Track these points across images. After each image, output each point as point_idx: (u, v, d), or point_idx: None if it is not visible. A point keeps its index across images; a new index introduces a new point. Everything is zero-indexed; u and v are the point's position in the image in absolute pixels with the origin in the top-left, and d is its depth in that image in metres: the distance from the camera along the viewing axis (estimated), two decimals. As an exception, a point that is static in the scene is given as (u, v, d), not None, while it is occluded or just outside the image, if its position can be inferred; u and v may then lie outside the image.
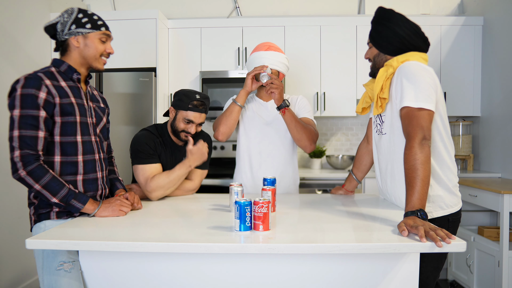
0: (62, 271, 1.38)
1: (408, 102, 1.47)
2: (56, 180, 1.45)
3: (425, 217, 1.31)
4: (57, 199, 1.45)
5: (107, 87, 3.24)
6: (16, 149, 1.41)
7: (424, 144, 1.42)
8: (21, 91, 1.42)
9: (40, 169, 1.42)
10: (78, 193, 1.50)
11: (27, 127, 1.41)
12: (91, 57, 1.58)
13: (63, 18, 1.56)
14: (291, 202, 1.91)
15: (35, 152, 1.43)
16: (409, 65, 1.54)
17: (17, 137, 1.41)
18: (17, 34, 2.93)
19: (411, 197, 1.37)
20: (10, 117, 1.43)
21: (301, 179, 3.16)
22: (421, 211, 1.32)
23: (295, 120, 2.06)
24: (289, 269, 1.33)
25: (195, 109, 1.95)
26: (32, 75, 1.46)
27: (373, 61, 1.73)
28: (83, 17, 1.56)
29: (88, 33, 1.56)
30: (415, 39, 1.62)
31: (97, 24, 1.57)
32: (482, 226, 2.97)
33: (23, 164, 1.40)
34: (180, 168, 1.92)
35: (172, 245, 1.21)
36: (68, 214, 1.54)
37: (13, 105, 1.42)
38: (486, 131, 3.48)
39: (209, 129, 3.95)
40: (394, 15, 1.65)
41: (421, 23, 3.32)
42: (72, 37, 1.55)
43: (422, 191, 1.37)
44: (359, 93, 3.53)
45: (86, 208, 1.51)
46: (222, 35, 3.55)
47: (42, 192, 1.43)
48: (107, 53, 1.62)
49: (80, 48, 1.57)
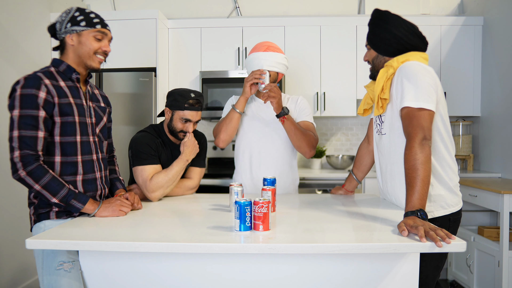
0: (62, 271, 1.38)
1: (409, 102, 1.47)
2: (56, 180, 1.45)
3: (425, 217, 1.31)
4: (57, 199, 1.45)
5: (107, 87, 3.24)
6: (16, 149, 1.41)
7: (424, 144, 1.42)
8: (20, 91, 1.42)
9: (40, 169, 1.42)
10: (78, 193, 1.49)
11: (26, 127, 1.41)
12: (85, 55, 1.56)
13: (61, 17, 1.56)
14: (291, 202, 1.91)
15: (35, 152, 1.43)
16: (410, 65, 1.54)
17: (16, 138, 1.41)
18: (17, 34, 2.93)
19: (411, 197, 1.37)
20: (10, 117, 1.43)
21: (301, 179, 3.16)
22: (421, 211, 1.32)
23: (295, 128, 2.07)
24: (289, 269, 1.33)
25: (191, 108, 1.95)
26: (31, 75, 1.46)
27: (372, 63, 1.73)
28: (79, 15, 1.55)
29: (82, 31, 1.54)
30: (413, 39, 1.62)
31: (92, 22, 1.55)
32: (482, 226, 2.97)
33: (23, 164, 1.40)
34: (177, 164, 1.93)
35: (172, 245, 1.21)
36: (68, 214, 1.54)
37: (12, 106, 1.42)
38: (486, 131, 3.48)
39: (209, 129, 3.95)
40: (390, 17, 1.65)
41: (421, 23, 3.34)
42: (67, 36, 1.55)
43: (422, 191, 1.37)
44: (359, 93, 3.53)
45: (86, 208, 1.51)
46: (222, 35, 3.55)
47: (42, 192, 1.43)
48: (102, 51, 1.59)
49: (75, 46, 1.56)
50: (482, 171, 3.46)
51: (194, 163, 2.10)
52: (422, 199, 1.36)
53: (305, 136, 2.09)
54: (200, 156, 2.12)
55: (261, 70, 2.05)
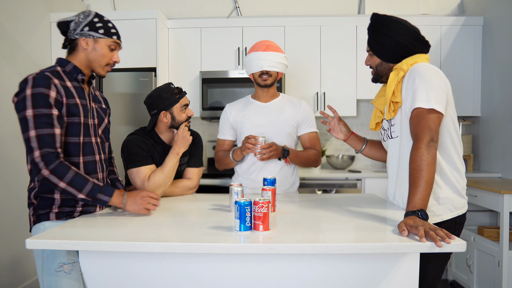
0: (62, 273, 1.38)
1: (420, 103, 1.47)
2: (80, 176, 1.45)
3: (425, 217, 1.31)
4: (83, 194, 1.45)
5: (107, 87, 3.24)
6: (36, 149, 1.40)
7: (431, 146, 1.41)
8: (31, 91, 1.41)
9: (62, 166, 1.42)
10: (103, 186, 1.50)
11: (42, 126, 1.41)
12: (96, 63, 1.58)
13: (79, 18, 1.57)
14: (291, 202, 1.91)
15: (55, 150, 1.42)
16: (421, 67, 1.53)
17: (34, 137, 1.40)
18: (17, 34, 2.93)
19: (413, 197, 1.36)
20: (23, 118, 1.41)
21: (301, 179, 3.16)
22: (421, 211, 1.31)
23: (299, 160, 2.17)
24: (289, 269, 1.33)
25: (181, 94, 1.99)
26: (40, 75, 1.45)
27: (376, 69, 1.72)
28: (98, 21, 1.57)
29: (99, 38, 1.56)
30: (417, 45, 1.61)
31: (110, 32, 1.59)
32: (482, 226, 2.97)
33: (45, 163, 1.40)
34: (170, 159, 1.92)
35: (172, 245, 1.21)
36: (67, 215, 1.54)
37: (24, 106, 1.40)
38: (486, 131, 3.48)
39: (209, 129, 3.95)
40: (392, 23, 1.62)
41: (421, 23, 3.34)
42: (82, 38, 1.56)
43: (425, 192, 1.36)
44: (359, 93, 3.53)
45: (112, 200, 1.51)
46: (222, 35, 3.55)
47: (68, 189, 1.43)
48: (113, 62, 1.63)
49: (88, 50, 1.57)
50: (482, 171, 3.46)
51: (191, 163, 2.10)
52: (424, 200, 1.35)
53: (308, 159, 2.19)
54: (197, 156, 2.12)
55: (255, 138, 2.03)
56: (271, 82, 2.14)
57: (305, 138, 2.22)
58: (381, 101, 1.77)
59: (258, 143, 2.02)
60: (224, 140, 2.28)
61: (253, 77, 2.17)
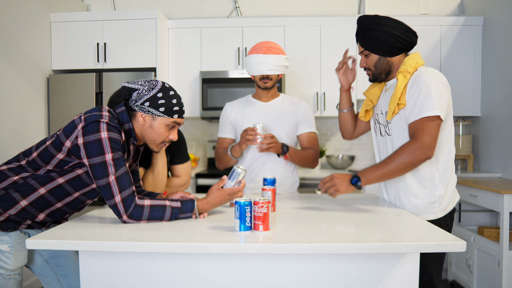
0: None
1: (427, 112, 1.53)
2: (155, 207, 1.46)
3: (357, 185, 1.56)
4: (166, 221, 1.47)
5: (107, 87, 3.24)
6: (117, 194, 1.40)
7: (422, 152, 1.49)
8: (108, 134, 1.40)
9: (136, 209, 1.43)
10: (181, 207, 1.49)
11: (120, 168, 1.42)
12: (151, 140, 1.53)
13: (143, 87, 1.49)
14: (291, 202, 1.91)
15: (130, 189, 1.43)
16: (426, 74, 1.59)
17: (114, 181, 1.40)
18: (17, 34, 2.93)
19: (371, 168, 1.56)
20: (102, 162, 1.39)
21: (301, 179, 3.15)
22: (356, 178, 1.56)
23: (298, 158, 2.16)
24: (289, 269, 1.33)
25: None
26: (111, 122, 1.42)
27: (374, 67, 1.75)
28: (162, 97, 1.48)
29: (158, 116, 1.50)
30: (409, 35, 1.67)
31: (172, 110, 1.50)
32: (482, 226, 2.97)
33: (124, 209, 1.41)
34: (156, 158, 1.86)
35: (172, 245, 1.21)
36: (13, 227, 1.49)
37: (102, 150, 1.39)
38: (486, 131, 3.48)
39: (209, 129, 3.95)
40: (383, 19, 1.68)
41: (421, 23, 3.34)
42: (140, 113, 1.50)
43: (381, 175, 1.56)
44: (359, 93, 3.52)
45: (196, 211, 1.52)
46: (222, 35, 3.55)
47: (152, 222, 1.45)
48: (169, 140, 1.56)
49: (145, 127, 1.51)
50: (482, 171, 3.46)
51: (175, 160, 2.04)
52: (374, 179, 1.56)
53: (307, 159, 2.19)
54: (181, 151, 2.05)
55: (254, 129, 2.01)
56: (271, 85, 2.14)
57: (304, 138, 2.22)
58: (373, 91, 1.83)
59: (258, 133, 2.02)
60: (224, 138, 2.27)
61: (253, 77, 2.18)
